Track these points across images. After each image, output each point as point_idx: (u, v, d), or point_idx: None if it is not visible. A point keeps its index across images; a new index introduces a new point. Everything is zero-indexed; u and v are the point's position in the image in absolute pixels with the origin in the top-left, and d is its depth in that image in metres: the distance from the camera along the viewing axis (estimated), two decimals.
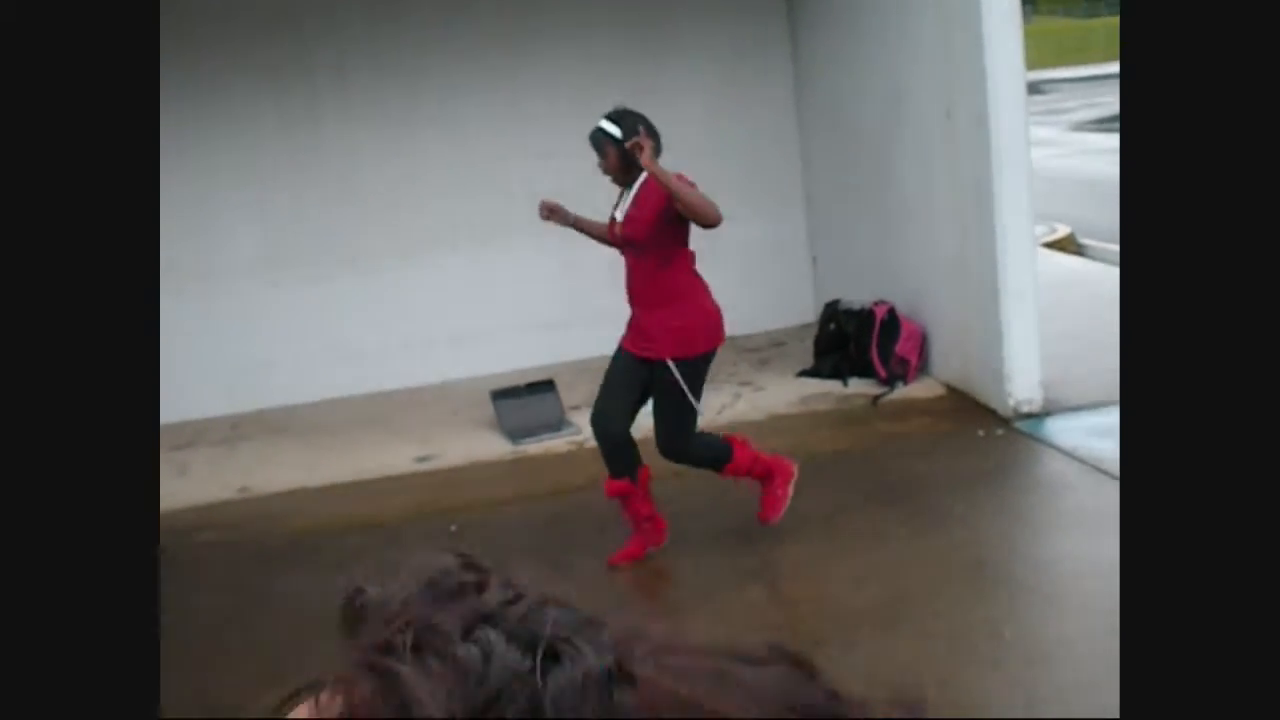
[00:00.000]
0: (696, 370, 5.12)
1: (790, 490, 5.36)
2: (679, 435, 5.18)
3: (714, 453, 5.31)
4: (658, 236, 4.99)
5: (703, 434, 5.40)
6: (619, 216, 5.11)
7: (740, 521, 5.58)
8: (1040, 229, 10.87)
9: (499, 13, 9.22)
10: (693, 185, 4.88)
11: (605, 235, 5.30)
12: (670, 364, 5.03)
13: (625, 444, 5.21)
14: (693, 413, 5.19)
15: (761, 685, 0.58)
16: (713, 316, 5.14)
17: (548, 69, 9.27)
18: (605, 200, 5.32)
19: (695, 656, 0.60)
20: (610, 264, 5.50)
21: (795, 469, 5.40)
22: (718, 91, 9.55)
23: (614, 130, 4.99)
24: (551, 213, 5.44)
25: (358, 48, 9.09)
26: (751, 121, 9.63)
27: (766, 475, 5.37)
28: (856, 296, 8.26)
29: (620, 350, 5.24)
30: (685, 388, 5.08)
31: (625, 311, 5.28)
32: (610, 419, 5.18)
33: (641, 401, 5.19)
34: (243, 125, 9.06)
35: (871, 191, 8.36)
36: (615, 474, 5.23)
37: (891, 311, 7.82)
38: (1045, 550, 5.34)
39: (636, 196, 5.01)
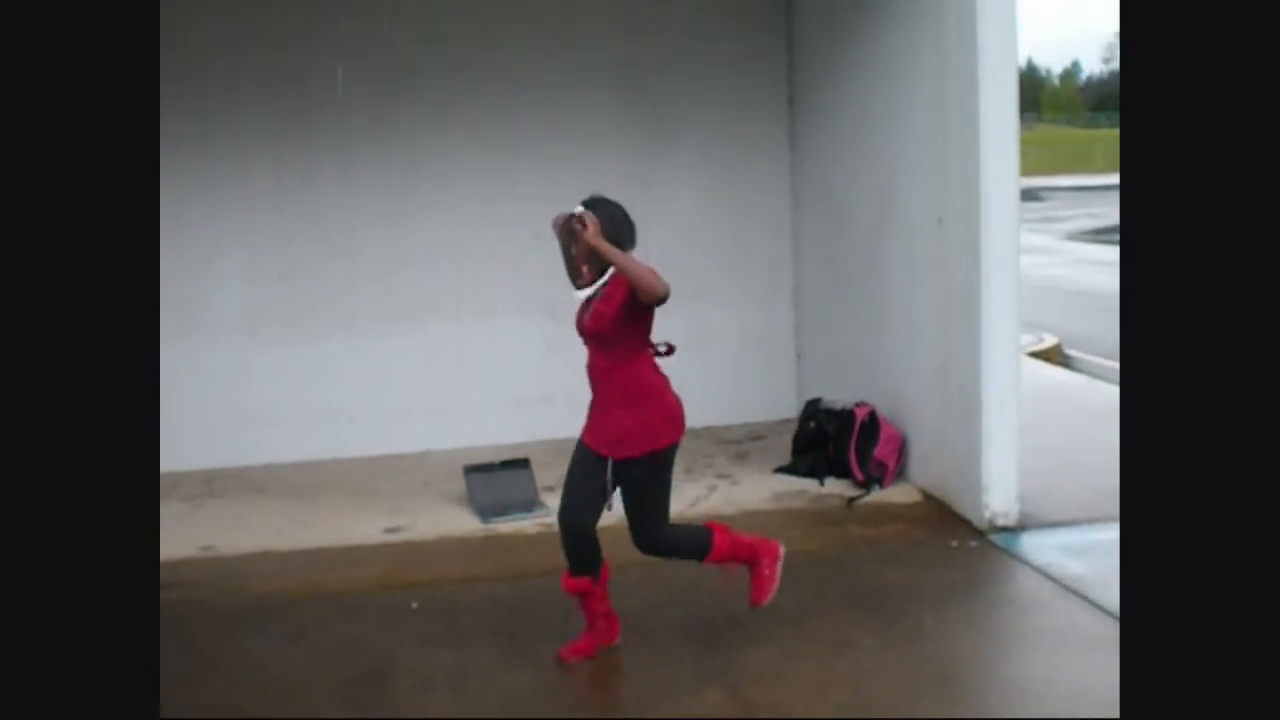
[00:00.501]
0: (662, 464, 5.08)
1: (778, 571, 5.31)
2: (653, 526, 5.14)
3: (693, 542, 5.26)
4: (621, 331, 4.95)
5: (679, 525, 5.35)
6: (583, 306, 5.08)
7: (706, 615, 5.53)
8: (1027, 338, 10.91)
9: (500, 90, 9.27)
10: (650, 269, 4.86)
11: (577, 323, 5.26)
12: (629, 464, 5.00)
13: (589, 541, 5.14)
14: (660, 504, 5.15)
15: None
16: (674, 410, 5.08)
17: (545, 149, 9.31)
18: None
19: None
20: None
21: (781, 549, 5.36)
22: (713, 176, 9.59)
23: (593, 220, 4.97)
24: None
25: (360, 114, 9.12)
26: (745, 209, 9.66)
27: (751, 558, 5.32)
28: (839, 395, 8.25)
29: (581, 444, 5.17)
30: (647, 484, 5.06)
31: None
32: (576, 513, 5.10)
33: (606, 494, 5.13)
34: (239, 183, 9.08)
35: (860, 289, 8.38)
36: (575, 571, 5.16)
37: (872, 414, 7.81)
38: (1012, 669, 5.27)
39: (604, 290, 4.99)
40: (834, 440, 7.91)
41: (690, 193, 9.50)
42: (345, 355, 9.31)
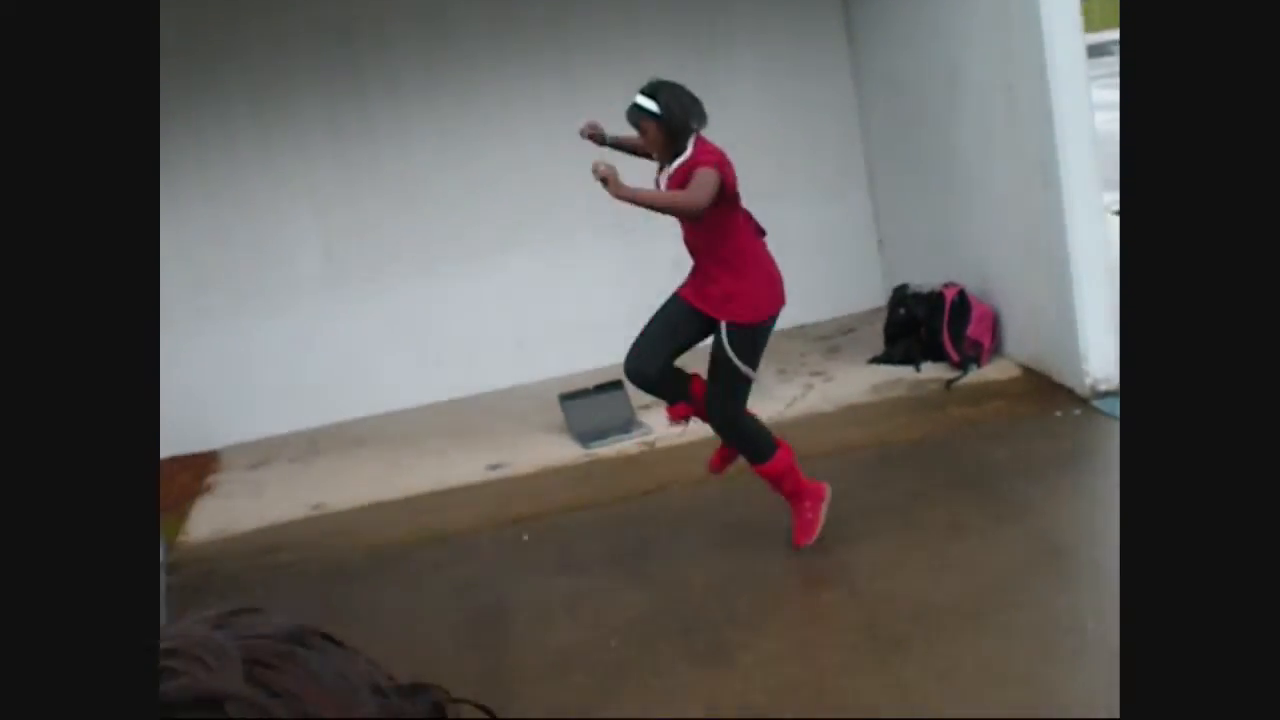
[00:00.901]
0: (754, 338, 4.99)
1: (823, 512, 5.14)
2: (730, 400, 5.03)
3: (758, 442, 5.12)
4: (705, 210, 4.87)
5: (756, 420, 5.24)
6: (664, 181, 5.02)
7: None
8: (1111, 197, 10.64)
9: (549, 8, 9.17)
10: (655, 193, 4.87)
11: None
12: (726, 328, 4.92)
13: (665, 377, 5.09)
14: (747, 381, 5.04)
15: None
16: (775, 277, 5.01)
17: (598, 64, 9.19)
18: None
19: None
20: (674, 259, 5.40)
21: (828, 492, 5.18)
22: (773, 71, 9.41)
23: (651, 106, 4.88)
24: (591, 131, 5.43)
25: (409, 61, 9.08)
26: (809, 101, 9.48)
27: (795, 494, 5.17)
28: (925, 279, 8.11)
29: (676, 297, 5.10)
30: (740, 354, 4.94)
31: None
32: (642, 359, 5.04)
33: (682, 350, 5.07)
34: (298, 145, 9.08)
35: (935, 171, 8.20)
36: (670, 400, 5.13)
37: (962, 293, 7.67)
38: None
39: (676, 170, 4.91)
40: (926, 324, 7.80)
41: (750, 94, 9.33)
42: (426, 300, 9.33)
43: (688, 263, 5.26)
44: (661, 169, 5.04)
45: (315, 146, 9.13)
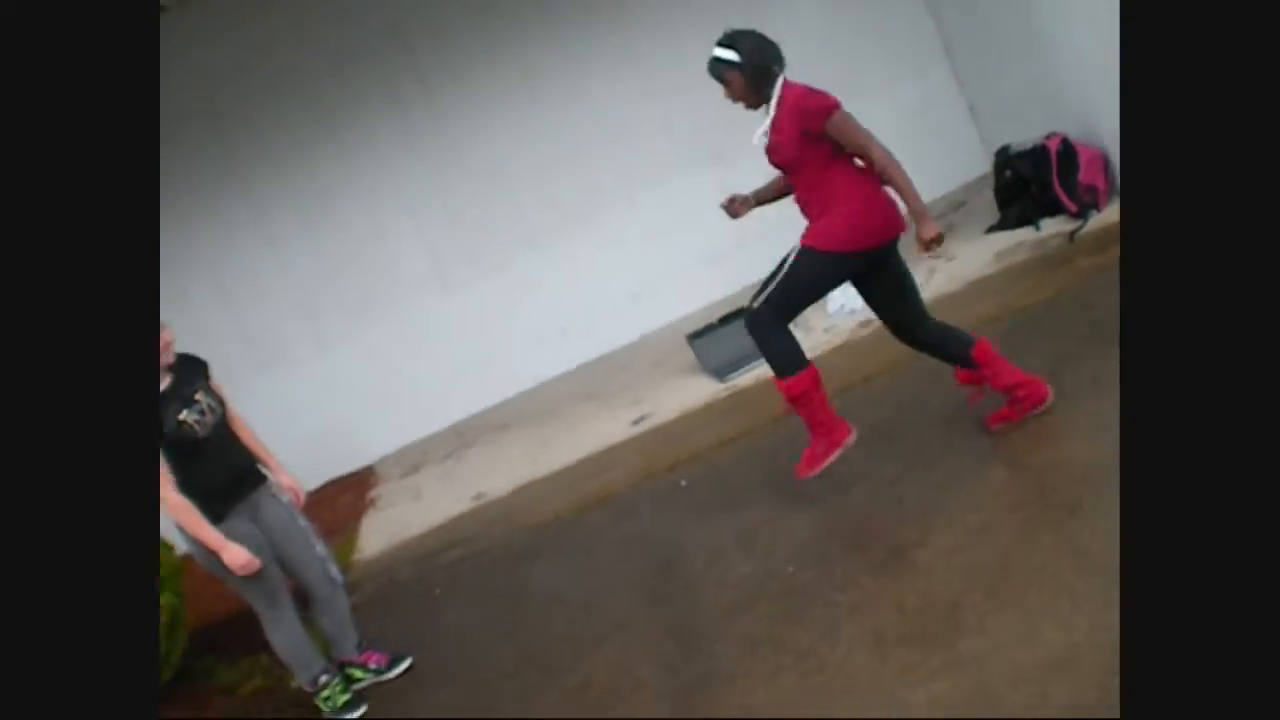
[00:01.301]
0: (824, 266, 4.78)
1: (833, 457, 4.92)
2: (773, 309, 4.80)
3: (787, 357, 4.89)
4: (805, 154, 4.74)
5: (792, 336, 4.97)
6: (763, 142, 4.90)
7: (958, 407, 5.33)
8: None
9: None
10: (860, 130, 4.70)
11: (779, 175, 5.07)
12: (799, 249, 4.77)
13: (930, 338, 5.01)
14: (797, 303, 4.87)
15: None
16: (874, 213, 4.77)
17: (654, 9, 9.13)
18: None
19: None
20: (766, 174, 5.29)
21: (853, 438, 4.96)
22: None
23: (731, 56, 4.77)
24: (736, 208, 5.20)
25: (464, 36, 9.11)
26: None
27: (816, 426, 4.96)
28: (1025, 136, 7.89)
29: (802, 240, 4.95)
30: (803, 271, 4.76)
31: (793, 219, 5.05)
32: (765, 301, 4.82)
33: (893, 297, 4.99)
34: (377, 154, 9.19)
35: (1010, 23, 7.96)
36: (779, 369, 4.90)
37: (1065, 141, 7.44)
38: None
39: (774, 120, 4.79)
40: (1035, 181, 7.58)
41: (809, 6, 9.16)
42: (534, 274, 9.39)
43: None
44: (760, 121, 4.90)
45: (392, 155, 9.23)
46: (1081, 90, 7.35)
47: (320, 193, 9.20)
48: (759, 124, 4.87)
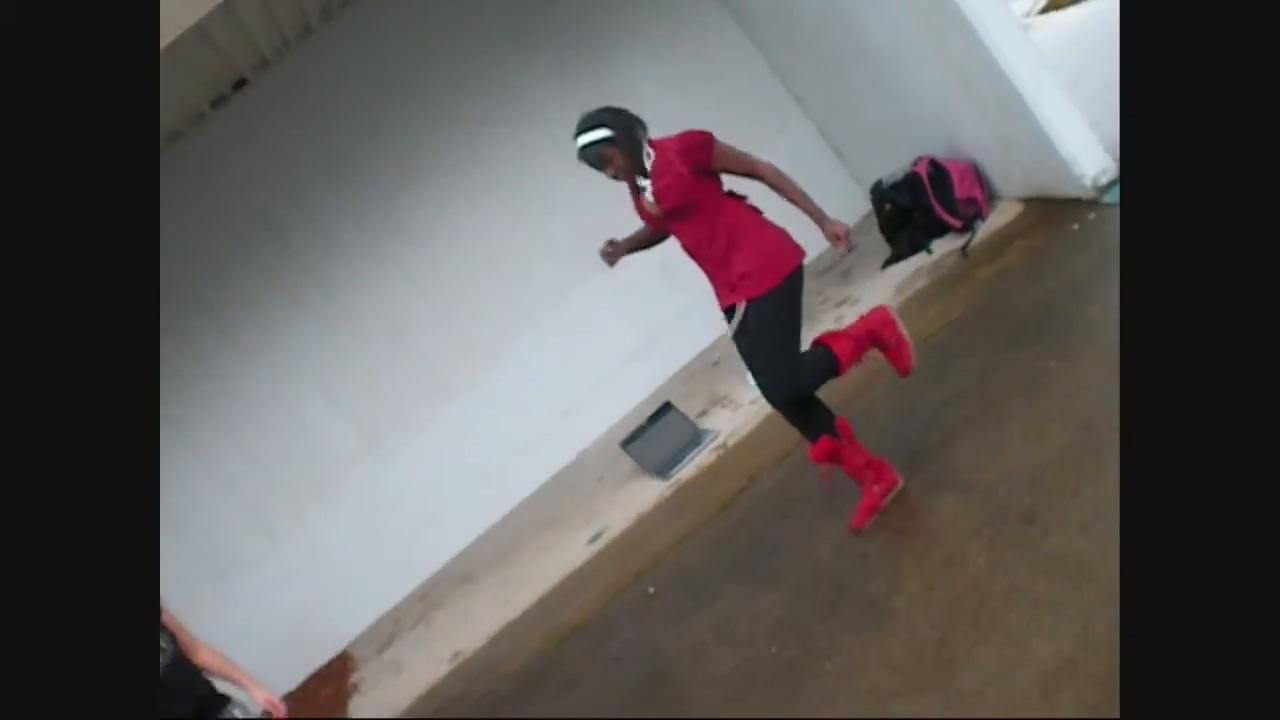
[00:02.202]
0: (782, 301, 4.79)
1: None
2: (790, 371, 4.78)
3: (824, 366, 4.88)
4: (697, 193, 4.77)
5: (803, 355, 4.95)
6: (650, 199, 4.87)
7: (897, 452, 5.32)
8: (1024, 4, 10.48)
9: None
10: (770, 170, 4.83)
11: (650, 226, 5.05)
12: (754, 302, 4.75)
13: (803, 401, 4.89)
14: (793, 348, 4.85)
15: None
16: (782, 238, 4.86)
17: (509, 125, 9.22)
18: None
19: None
20: (661, 264, 5.29)
21: (893, 314, 5.01)
22: (663, 60, 9.38)
23: (604, 133, 4.79)
24: (612, 252, 5.19)
25: (332, 222, 9.16)
26: (709, 68, 9.45)
27: (878, 340, 4.99)
28: (894, 167, 8.00)
29: (728, 310, 4.92)
30: (784, 314, 4.79)
31: (707, 299, 5.04)
32: (773, 386, 4.82)
33: (784, 346, 4.84)
34: (284, 340, 9.16)
35: (850, 65, 8.10)
36: (811, 437, 4.89)
37: (933, 163, 7.55)
38: None
39: (656, 170, 4.80)
40: (915, 208, 7.68)
41: (651, 90, 9.27)
42: (459, 420, 9.39)
43: (676, 266, 5.17)
44: (638, 193, 4.92)
45: (294, 341, 9.21)
46: (932, 110, 7.48)
47: (234, 395, 9.12)
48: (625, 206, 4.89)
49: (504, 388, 9.36)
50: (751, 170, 4.80)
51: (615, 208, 5.07)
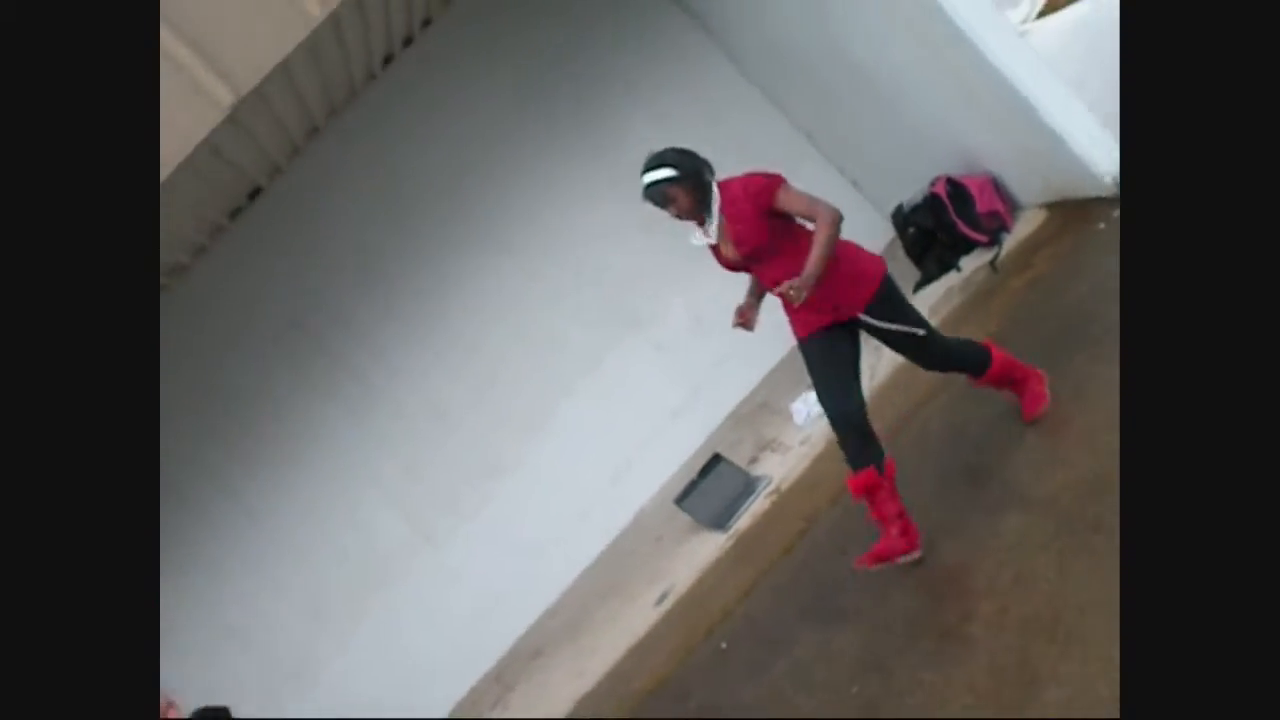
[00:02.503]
0: (894, 298, 4.91)
1: (1047, 390, 5.01)
2: (929, 350, 5.01)
3: (975, 353, 5.07)
4: (771, 233, 4.77)
5: (955, 340, 5.20)
6: (724, 244, 4.86)
7: (954, 474, 5.26)
8: (1020, 11, 10.45)
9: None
10: (815, 213, 4.75)
11: (736, 271, 5.04)
12: (874, 304, 4.84)
13: (865, 429, 4.86)
14: (923, 328, 4.98)
15: None
16: (860, 250, 4.94)
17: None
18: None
19: None
20: (694, 317, 5.25)
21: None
22: (666, 115, 9.37)
23: (670, 172, 4.77)
24: (744, 314, 5.01)
25: (365, 315, 9.21)
26: (713, 112, 9.45)
27: (1023, 379, 5.07)
28: (912, 190, 7.96)
29: (807, 340, 4.90)
30: (900, 308, 4.92)
31: (742, 345, 5.00)
32: (842, 403, 4.82)
33: (858, 366, 4.93)
34: (323, 439, 9.20)
35: (852, 95, 8.09)
36: (857, 465, 4.84)
37: (950, 181, 7.51)
38: None
39: (725, 215, 4.80)
40: (939, 228, 7.63)
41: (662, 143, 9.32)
42: (511, 495, 9.40)
43: (708, 319, 5.13)
44: (706, 232, 4.89)
45: (339, 437, 9.23)
46: (942, 129, 7.45)
47: (286, 499, 9.14)
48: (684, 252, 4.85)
49: (551, 459, 9.33)
50: (811, 213, 4.74)
51: (637, 268, 5.05)
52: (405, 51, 9.13)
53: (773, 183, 4.77)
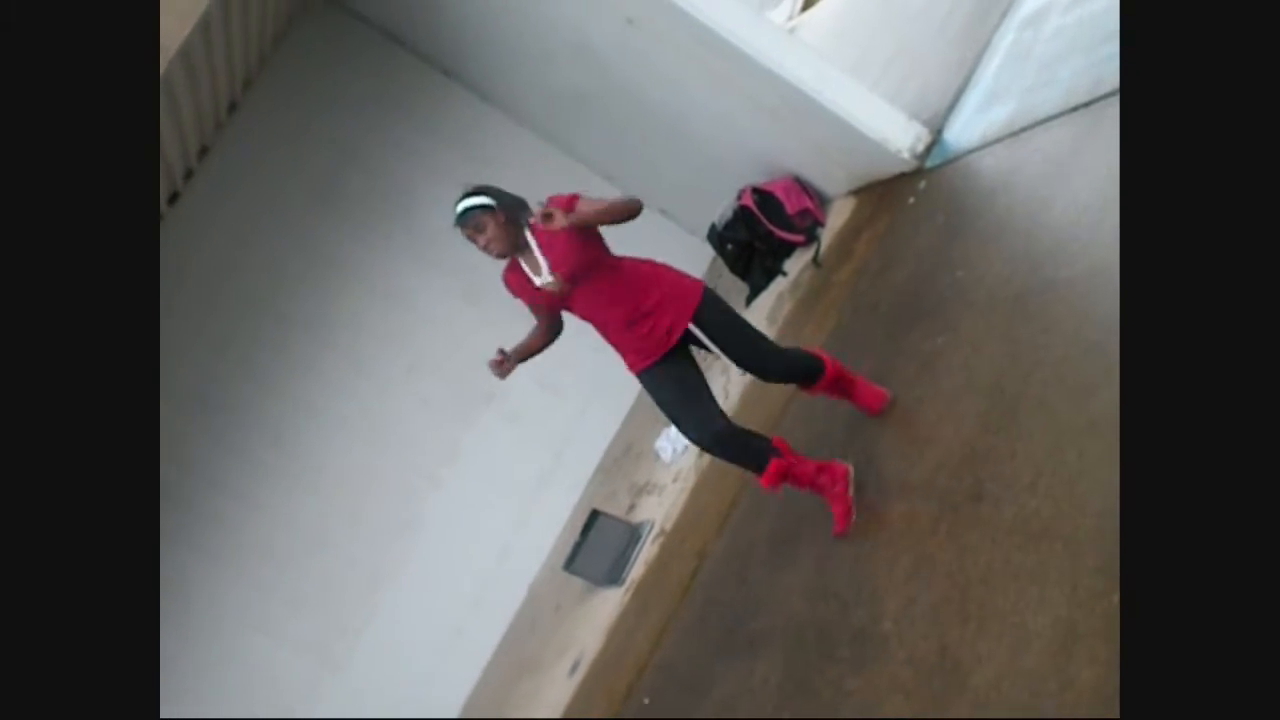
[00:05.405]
0: (719, 303, 4.86)
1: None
2: (764, 346, 4.92)
3: (808, 360, 4.98)
4: (589, 251, 4.69)
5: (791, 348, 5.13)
6: (544, 273, 4.73)
7: (822, 426, 5.25)
8: (782, 10, 10.63)
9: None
10: (595, 203, 4.59)
11: (545, 315, 4.97)
12: (705, 299, 4.79)
13: (739, 433, 4.80)
14: (751, 327, 4.96)
15: None
16: (680, 273, 4.92)
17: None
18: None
19: None
20: (536, 380, 5.16)
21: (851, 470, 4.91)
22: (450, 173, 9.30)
23: (485, 200, 4.66)
24: (502, 361, 4.85)
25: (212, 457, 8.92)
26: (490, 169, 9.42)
27: (852, 379, 5.05)
28: (720, 206, 7.99)
29: (645, 372, 4.82)
30: (727, 314, 4.87)
31: (595, 397, 4.92)
32: (706, 424, 4.73)
33: (708, 387, 4.82)
34: (192, 566, 8.87)
35: (635, 124, 8.13)
36: (758, 466, 4.80)
37: (755, 190, 7.56)
38: (1064, 268, 5.01)
39: (541, 245, 4.71)
40: (755, 238, 7.67)
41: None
42: (402, 600, 9.17)
43: (552, 377, 5.04)
44: (516, 269, 4.81)
45: (215, 579, 8.91)
46: (734, 141, 7.50)
47: (177, 668, 8.79)
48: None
49: (432, 554, 9.15)
50: (613, 205, 4.59)
51: (470, 345, 4.94)
52: (188, 184, 8.90)
53: (572, 197, 4.68)
